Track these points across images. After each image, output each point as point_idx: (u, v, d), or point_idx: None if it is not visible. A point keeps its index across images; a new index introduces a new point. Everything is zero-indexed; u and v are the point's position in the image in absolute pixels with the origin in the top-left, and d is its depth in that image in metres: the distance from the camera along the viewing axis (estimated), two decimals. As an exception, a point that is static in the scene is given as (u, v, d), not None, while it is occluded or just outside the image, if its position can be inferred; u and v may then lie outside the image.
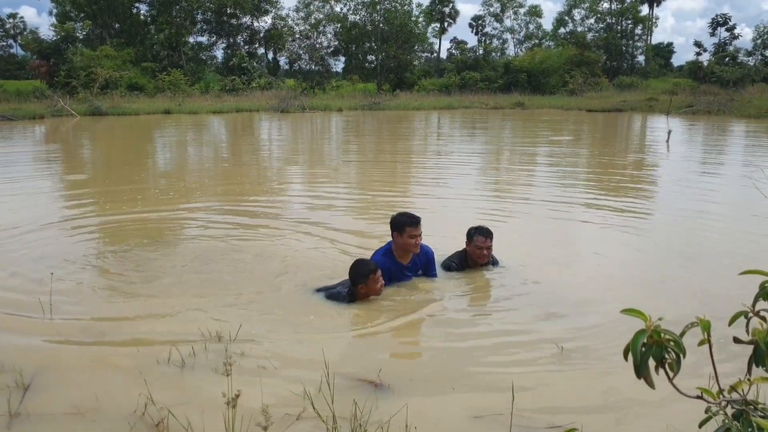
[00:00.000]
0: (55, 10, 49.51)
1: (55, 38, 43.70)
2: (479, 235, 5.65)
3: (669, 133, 18.98)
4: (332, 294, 5.06)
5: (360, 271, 4.93)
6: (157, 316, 4.69)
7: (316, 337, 4.30)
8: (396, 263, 5.35)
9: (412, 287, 5.34)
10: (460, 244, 5.91)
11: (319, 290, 5.20)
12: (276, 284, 5.47)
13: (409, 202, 9.63)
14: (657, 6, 66.27)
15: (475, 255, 5.67)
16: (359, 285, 4.92)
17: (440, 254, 5.79)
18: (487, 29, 64.94)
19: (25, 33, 50.07)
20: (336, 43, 54.40)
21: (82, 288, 5.36)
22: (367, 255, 6.07)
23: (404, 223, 5.24)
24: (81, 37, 45.75)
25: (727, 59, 56.42)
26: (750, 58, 60.98)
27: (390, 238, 5.44)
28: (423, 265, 5.51)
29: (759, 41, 62.09)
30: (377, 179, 12.36)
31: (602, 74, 52.74)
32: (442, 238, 6.23)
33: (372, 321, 4.66)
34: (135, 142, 21.09)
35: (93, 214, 8.76)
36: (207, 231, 7.62)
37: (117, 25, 47.92)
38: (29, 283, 5.46)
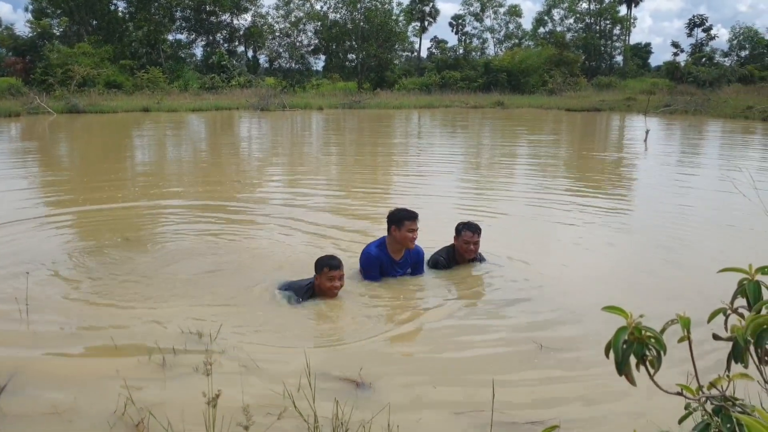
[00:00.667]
0: (31, 6, 48.81)
1: (31, 35, 43.10)
2: (467, 230, 5.71)
3: (647, 132, 19.18)
4: (292, 286, 5.05)
5: (320, 261, 4.92)
6: (136, 316, 4.64)
7: (298, 336, 4.29)
8: (388, 257, 5.44)
9: (398, 285, 5.35)
10: (443, 241, 5.93)
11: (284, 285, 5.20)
12: (258, 283, 5.44)
13: (392, 199, 9.63)
14: (635, 6, 66.88)
15: (463, 250, 5.72)
16: (315, 276, 4.91)
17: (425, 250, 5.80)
18: (467, 29, 65.13)
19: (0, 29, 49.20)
20: (316, 41, 54.22)
21: (59, 287, 5.29)
22: (350, 252, 6.08)
23: (403, 217, 5.34)
24: (58, 33, 45.14)
25: (703, 60, 57.13)
26: (726, 59, 61.88)
27: (380, 234, 5.51)
28: (413, 263, 5.59)
29: (735, 42, 63.00)
30: (359, 177, 12.35)
31: (581, 74, 53.12)
32: (426, 235, 6.23)
33: (354, 320, 4.65)
34: (113, 140, 20.86)
35: (70, 213, 8.65)
36: (188, 230, 7.57)
37: (94, 22, 47.34)
38: (4, 281, 5.37)
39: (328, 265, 4.83)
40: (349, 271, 5.66)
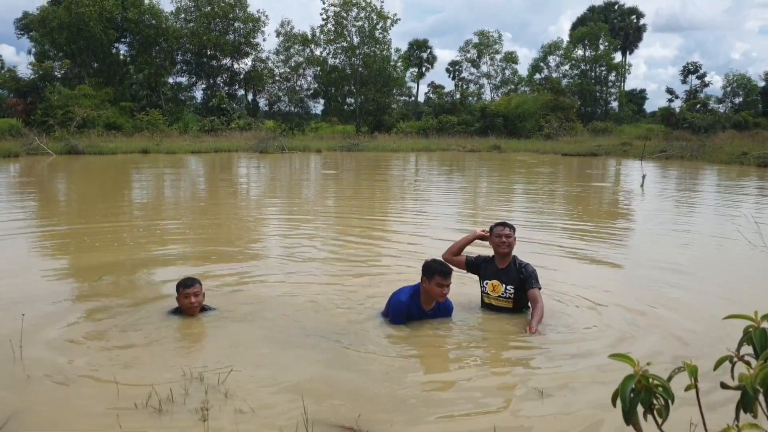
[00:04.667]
0: (33, 50, 49.62)
1: (32, 77, 43.55)
2: (498, 225, 5.97)
3: (644, 177, 19.30)
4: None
5: (178, 284, 5.48)
6: (133, 359, 4.57)
7: (295, 380, 4.22)
8: (418, 307, 5.40)
9: (404, 330, 5.27)
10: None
11: None
12: (254, 326, 5.39)
13: (390, 241, 9.62)
14: (630, 53, 68.25)
15: (496, 244, 5.87)
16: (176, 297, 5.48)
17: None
18: (464, 74, 65.99)
19: (2, 71, 49.70)
20: (315, 85, 54.96)
21: (55, 328, 5.21)
22: (357, 298, 6.07)
23: (435, 272, 5.26)
24: (59, 75, 45.69)
25: (698, 106, 57.75)
26: (720, 106, 62.66)
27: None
28: (442, 313, 5.56)
29: (728, 89, 63.91)
30: (358, 219, 12.33)
31: (577, 119, 53.65)
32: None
33: (354, 365, 4.58)
34: (111, 182, 20.90)
35: (66, 254, 8.62)
36: (190, 271, 7.51)
37: (96, 65, 47.98)
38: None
39: (182, 285, 5.43)
40: (372, 311, 5.67)
